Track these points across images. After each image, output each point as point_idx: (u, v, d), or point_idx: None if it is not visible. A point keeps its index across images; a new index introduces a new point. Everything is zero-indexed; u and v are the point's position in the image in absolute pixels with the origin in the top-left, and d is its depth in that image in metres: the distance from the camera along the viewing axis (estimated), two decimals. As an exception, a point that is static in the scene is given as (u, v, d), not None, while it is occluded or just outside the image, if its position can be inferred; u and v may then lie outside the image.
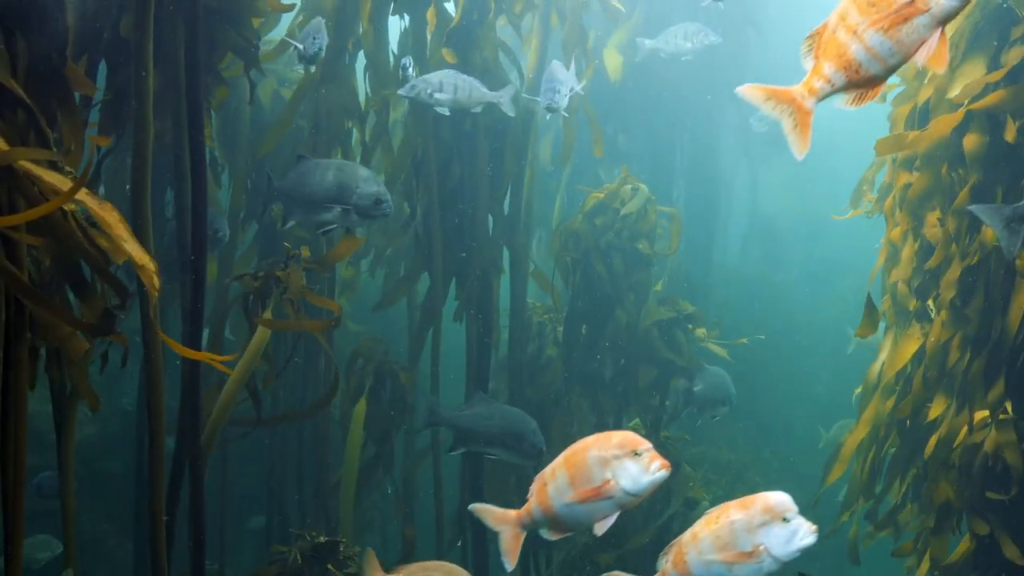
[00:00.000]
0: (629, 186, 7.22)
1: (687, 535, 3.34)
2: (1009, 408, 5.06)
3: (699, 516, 3.44)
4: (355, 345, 7.02)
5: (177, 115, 4.62)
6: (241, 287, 5.10)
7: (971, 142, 5.00)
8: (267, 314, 4.90)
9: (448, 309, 6.89)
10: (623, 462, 3.30)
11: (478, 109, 5.87)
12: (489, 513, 3.52)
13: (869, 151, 6.36)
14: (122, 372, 6.02)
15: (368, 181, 5.26)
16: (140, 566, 6.26)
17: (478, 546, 6.87)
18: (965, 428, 5.07)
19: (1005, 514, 4.99)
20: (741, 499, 3.34)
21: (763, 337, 8.92)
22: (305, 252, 5.16)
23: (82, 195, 3.46)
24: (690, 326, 7.24)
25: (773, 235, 16.13)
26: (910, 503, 5.77)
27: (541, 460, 6.36)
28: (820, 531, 5.43)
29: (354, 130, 6.55)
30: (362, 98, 6.59)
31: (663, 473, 3.28)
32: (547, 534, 3.44)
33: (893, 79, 5.66)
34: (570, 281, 7.29)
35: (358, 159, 6.68)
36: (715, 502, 9.08)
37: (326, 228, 5.34)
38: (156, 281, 3.52)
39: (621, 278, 7.10)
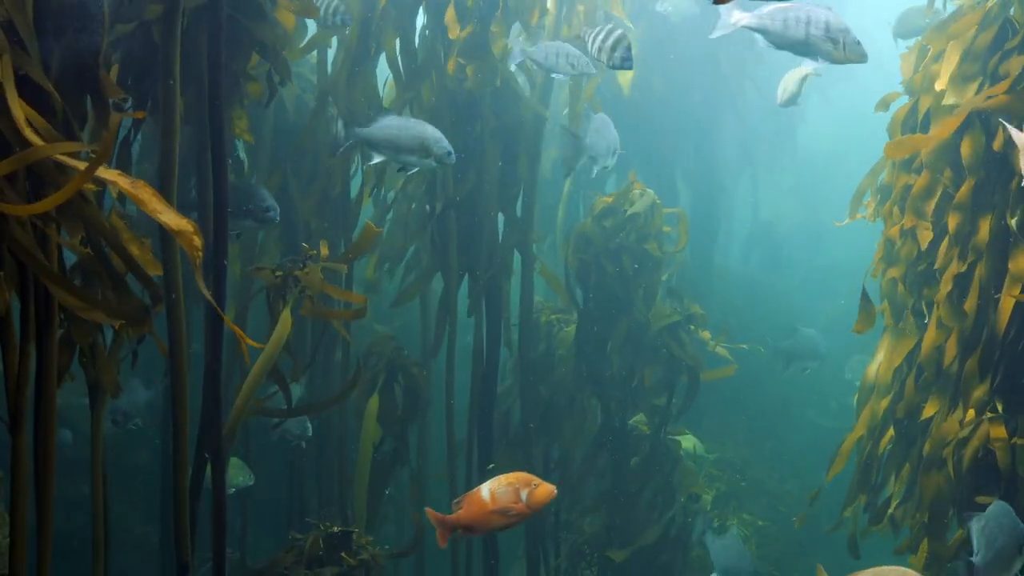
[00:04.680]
0: (637, 191, 7.40)
1: None
2: (999, 406, 5.26)
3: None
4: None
5: (200, 114, 4.76)
6: (262, 281, 5.32)
7: (967, 147, 5.33)
8: (287, 309, 5.11)
9: (461, 308, 7.11)
10: None
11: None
12: None
13: (868, 158, 6.60)
14: (155, 368, 6.29)
15: None
16: (167, 551, 6.48)
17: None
18: (957, 425, 5.25)
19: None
20: None
21: (763, 350, 9.30)
22: (324, 250, 5.39)
23: (112, 175, 3.50)
24: (692, 327, 7.44)
25: (774, 241, 16.37)
26: (902, 500, 5.94)
27: None
28: (822, 526, 5.66)
29: None
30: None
31: None
32: None
33: (899, 89, 5.99)
34: (583, 282, 7.45)
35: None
36: (718, 498, 9.23)
37: None
38: (197, 241, 3.48)
39: (631, 279, 7.26)
